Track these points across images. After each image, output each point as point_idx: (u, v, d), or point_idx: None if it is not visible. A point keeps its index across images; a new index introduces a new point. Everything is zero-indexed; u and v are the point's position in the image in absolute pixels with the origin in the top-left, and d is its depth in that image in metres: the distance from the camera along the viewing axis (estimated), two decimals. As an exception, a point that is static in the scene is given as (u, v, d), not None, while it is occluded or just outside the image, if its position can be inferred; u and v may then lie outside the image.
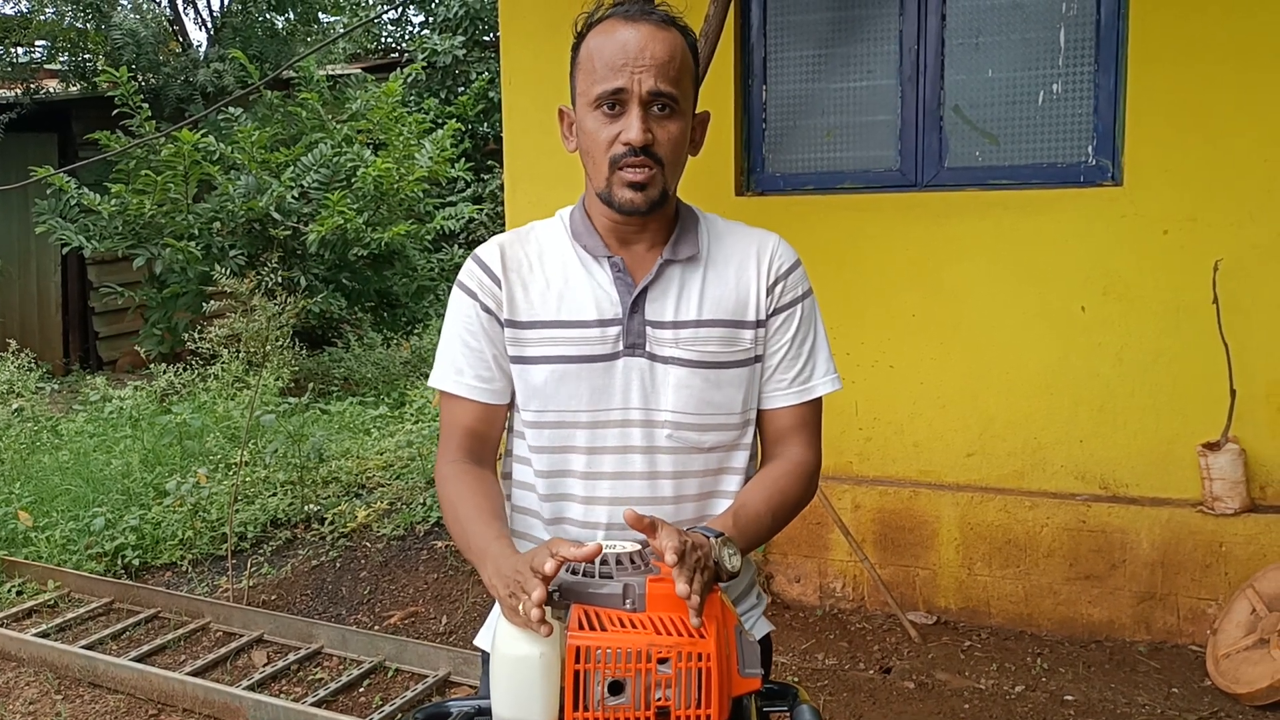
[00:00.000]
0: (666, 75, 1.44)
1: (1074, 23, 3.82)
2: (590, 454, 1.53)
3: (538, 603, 1.20)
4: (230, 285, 6.41)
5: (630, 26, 1.46)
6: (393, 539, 5.09)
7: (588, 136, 1.48)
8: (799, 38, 4.18)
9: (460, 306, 1.57)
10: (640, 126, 1.43)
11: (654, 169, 1.46)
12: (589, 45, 1.49)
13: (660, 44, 1.45)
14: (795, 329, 1.58)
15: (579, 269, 1.54)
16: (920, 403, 4.06)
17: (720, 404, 1.54)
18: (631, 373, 1.51)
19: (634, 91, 1.44)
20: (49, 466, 6.09)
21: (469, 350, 1.55)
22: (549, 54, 4.35)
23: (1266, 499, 3.66)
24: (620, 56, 1.44)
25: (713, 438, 1.54)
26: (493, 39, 11.69)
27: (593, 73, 1.46)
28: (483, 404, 1.56)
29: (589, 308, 1.52)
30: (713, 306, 1.53)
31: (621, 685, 1.21)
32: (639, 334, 1.51)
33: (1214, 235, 3.63)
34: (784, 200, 4.21)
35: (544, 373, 1.52)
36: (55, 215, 8.62)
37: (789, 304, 1.57)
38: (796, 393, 1.58)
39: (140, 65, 10.38)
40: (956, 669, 3.62)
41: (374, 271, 9.38)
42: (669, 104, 1.45)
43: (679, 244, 1.55)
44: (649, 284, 1.52)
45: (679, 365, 1.51)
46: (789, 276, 1.58)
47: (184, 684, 3.53)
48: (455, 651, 3.68)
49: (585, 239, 1.54)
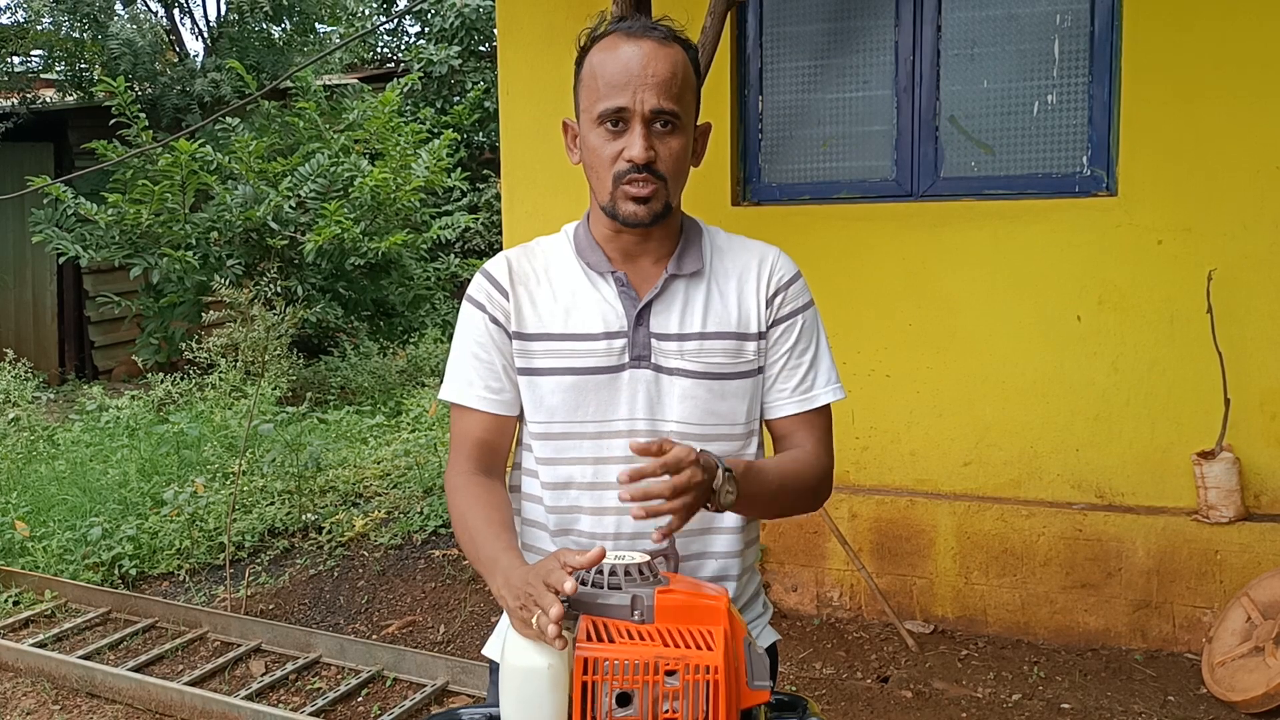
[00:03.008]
0: (669, 93, 1.46)
1: (1068, 34, 3.85)
2: (597, 465, 1.54)
3: (555, 619, 1.20)
4: (228, 295, 6.40)
5: (633, 43, 1.47)
6: (390, 548, 5.09)
7: (592, 152, 1.51)
8: (795, 49, 4.21)
9: (470, 319, 1.59)
10: (643, 144, 1.46)
11: (656, 184, 1.48)
12: (592, 62, 1.51)
13: (663, 61, 1.46)
14: (795, 340, 1.60)
15: (584, 283, 1.56)
16: (917, 412, 4.07)
17: (725, 414, 1.56)
18: (637, 384, 1.53)
19: (637, 110, 1.46)
20: (45, 476, 6.07)
21: (479, 362, 1.57)
22: (546, 64, 4.38)
23: (1261, 507, 3.68)
24: (623, 74, 1.46)
25: (717, 448, 1.55)
26: (489, 49, 11.72)
27: (596, 90, 1.48)
28: (493, 415, 1.57)
29: (595, 321, 1.54)
30: (717, 320, 1.55)
31: (629, 697, 1.21)
32: (644, 346, 1.53)
33: (1208, 245, 3.65)
34: (780, 210, 4.23)
35: (550, 384, 1.54)
36: (51, 225, 8.61)
37: (788, 315, 1.59)
38: (798, 402, 1.60)
39: (137, 75, 10.38)
40: (954, 678, 3.63)
41: (371, 281, 9.38)
42: (671, 120, 1.48)
43: (683, 258, 1.57)
44: (654, 297, 1.54)
45: (684, 376, 1.53)
46: (789, 288, 1.60)
47: (182, 694, 3.52)
48: (453, 660, 3.68)
49: (589, 255, 1.57)
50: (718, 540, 1.59)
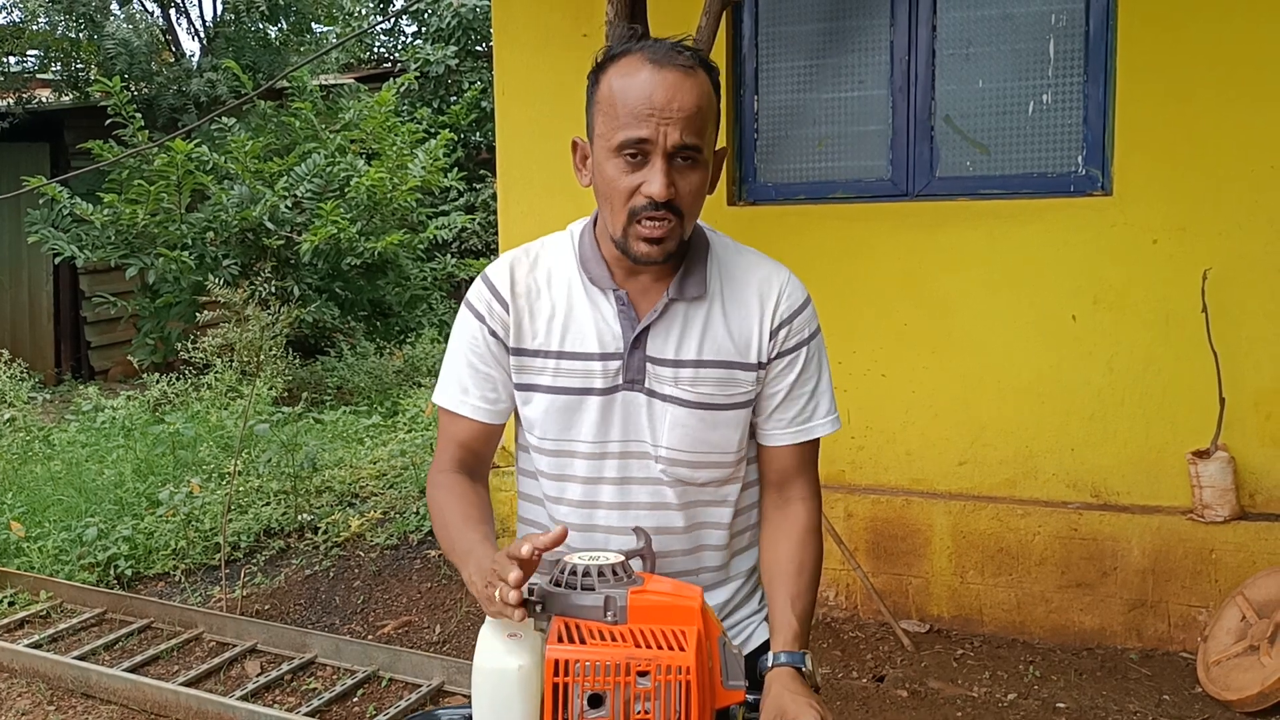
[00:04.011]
0: (693, 128, 1.39)
1: (1063, 34, 3.85)
2: (587, 484, 1.54)
3: (515, 584, 1.19)
4: (224, 295, 6.39)
5: (657, 71, 1.38)
6: (386, 548, 5.08)
7: (607, 182, 1.43)
8: (790, 48, 4.21)
9: (468, 328, 1.56)
10: (664, 181, 1.38)
11: (673, 222, 1.42)
12: (611, 85, 1.42)
13: (688, 94, 1.38)
14: (798, 373, 1.56)
15: (583, 298, 1.52)
16: (912, 411, 4.08)
17: (716, 443, 1.54)
18: (629, 407, 1.52)
19: (659, 144, 1.38)
20: (41, 476, 6.06)
21: (476, 373, 1.56)
22: (542, 64, 4.37)
23: (1256, 506, 3.68)
24: (646, 106, 1.37)
25: (706, 474, 1.55)
26: (485, 49, 11.71)
27: (615, 118, 1.40)
28: (484, 424, 1.57)
29: (591, 340, 1.51)
30: (714, 347, 1.51)
31: (601, 698, 1.21)
32: (639, 370, 1.51)
33: (1203, 244, 3.66)
34: (776, 210, 4.23)
35: (545, 402, 1.53)
36: (47, 225, 8.59)
37: (793, 349, 1.55)
38: (794, 433, 1.58)
39: (133, 75, 10.36)
40: (949, 677, 3.63)
41: (367, 281, 9.38)
42: (693, 155, 1.41)
43: (686, 282, 1.51)
44: (653, 321, 1.50)
45: (677, 404, 1.51)
46: (794, 320, 1.54)
47: (177, 694, 3.52)
48: (449, 660, 3.68)
49: (592, 268, 1.52)
50: (706, 556, 1.60)
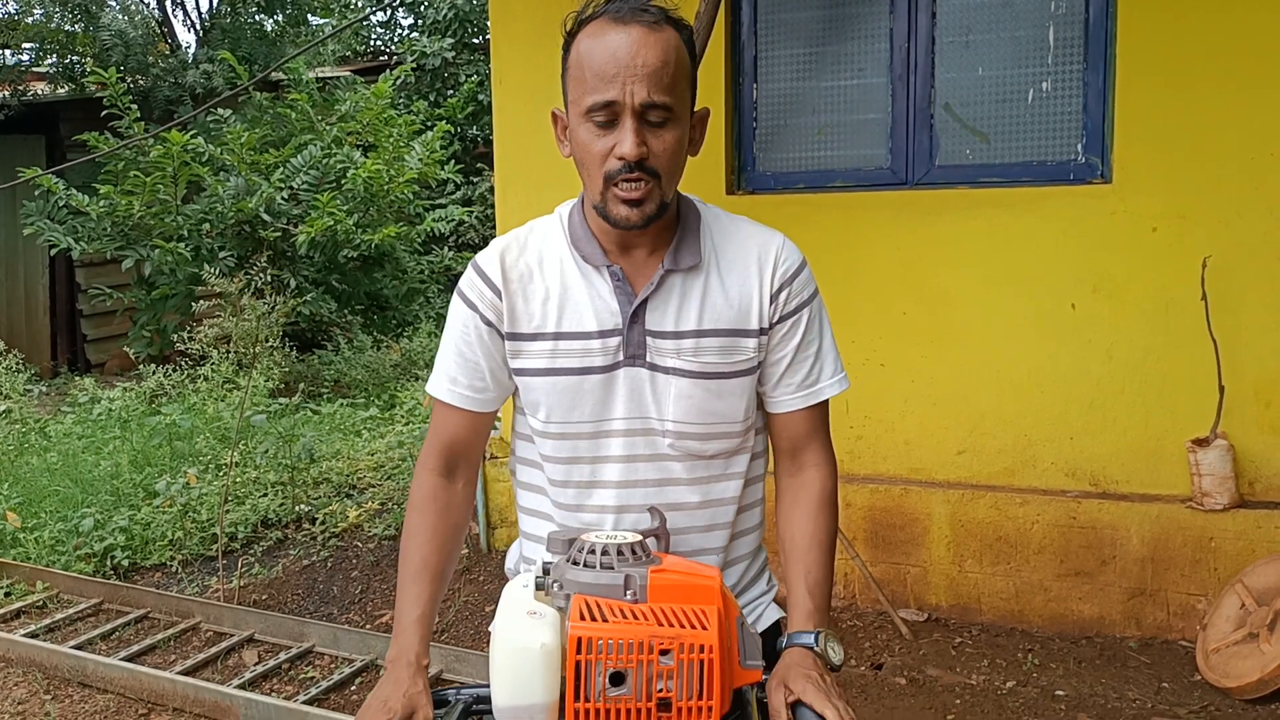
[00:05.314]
0: (660, 84, 1.37)
1: (1063, 21, 3.84)
2: (594, 464, 1.53)
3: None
4: (220, 286, 6.37)
5: (621, 30, 1.37)
6: (384, 539, 5.07)
7: (581, 148, 1.42)
8: (790, 36, 4.19)
9: (460, 316, 1.55)
10: (634, 140, 1.37)
11: (650, 183, 1.40)
12: (579, 49, 1.41)
13: (653, 49, 1.36)
14: (801, 335, 1.54)
15: (578, 278, 1.51)
16: (911, 400, 4.07)
17: (723, 413, 1.52)
18: (632, 383, 1.50)
19: (626, 103, 1.36)
20: (37, 468, 6.05)
21: (464, 361, 1.55)
22: (539, 56, 4.35)
23: (1255, 494, 3.68)
24: (611, 65, 1.36)
25: (715, 446, 1.53)
26: (482, 41, 11.68)
27: (583, 82, 1.39)
28: (473, 413, 1.57)
29: (589, 318, 1.49)
30: (714, 316, 1.50)
31: (623, 676, 1.21)
32: (639, 344, 1.49)
33: (1202, 232, 3.65)
34: (775, 199, 4.21)
35: (545, 385, 1.51)
36: (43, 217, 8.57)
37: (794, 310, 1.53)
38: (804, 396, 1.57)
39: (129, 67, 10.33)
40: (948, 665, 3.63)
41: (364, 273, 9.37)
42: (664, 113, 1.38)
43: (680, 252, 1.50)
44: (649, 294, 1.48)
45: (681, 376, 1.49)
46: (794, 281, 1.53)
47: (174, 683, 3.51)
48: (446, 649, 3.67)
49: (584, 246, 1.50)
50: (712, 537, 1.58)
